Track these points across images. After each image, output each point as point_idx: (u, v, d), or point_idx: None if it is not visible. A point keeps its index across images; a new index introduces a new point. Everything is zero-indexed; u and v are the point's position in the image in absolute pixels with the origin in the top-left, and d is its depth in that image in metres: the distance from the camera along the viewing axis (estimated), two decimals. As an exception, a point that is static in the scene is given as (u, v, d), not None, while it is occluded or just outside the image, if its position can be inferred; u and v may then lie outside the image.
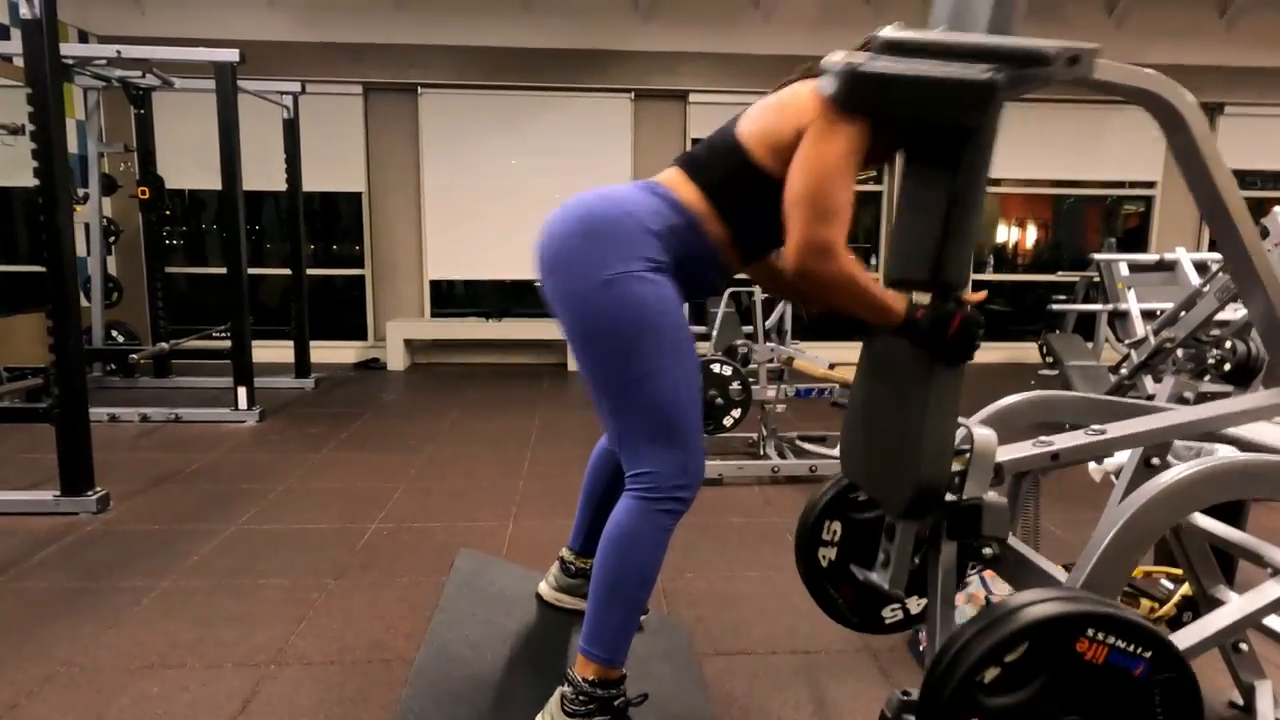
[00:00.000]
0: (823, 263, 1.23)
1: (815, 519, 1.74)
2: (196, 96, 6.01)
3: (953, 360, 1.27)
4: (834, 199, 1.23)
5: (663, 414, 1.31)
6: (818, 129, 1.25)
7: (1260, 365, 3.26)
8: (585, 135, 7.39)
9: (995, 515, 1.30)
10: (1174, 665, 1.10)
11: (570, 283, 1.33)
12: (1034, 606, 1.10)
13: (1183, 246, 5.77)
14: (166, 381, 6.10)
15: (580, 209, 1.38)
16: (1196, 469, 1.26)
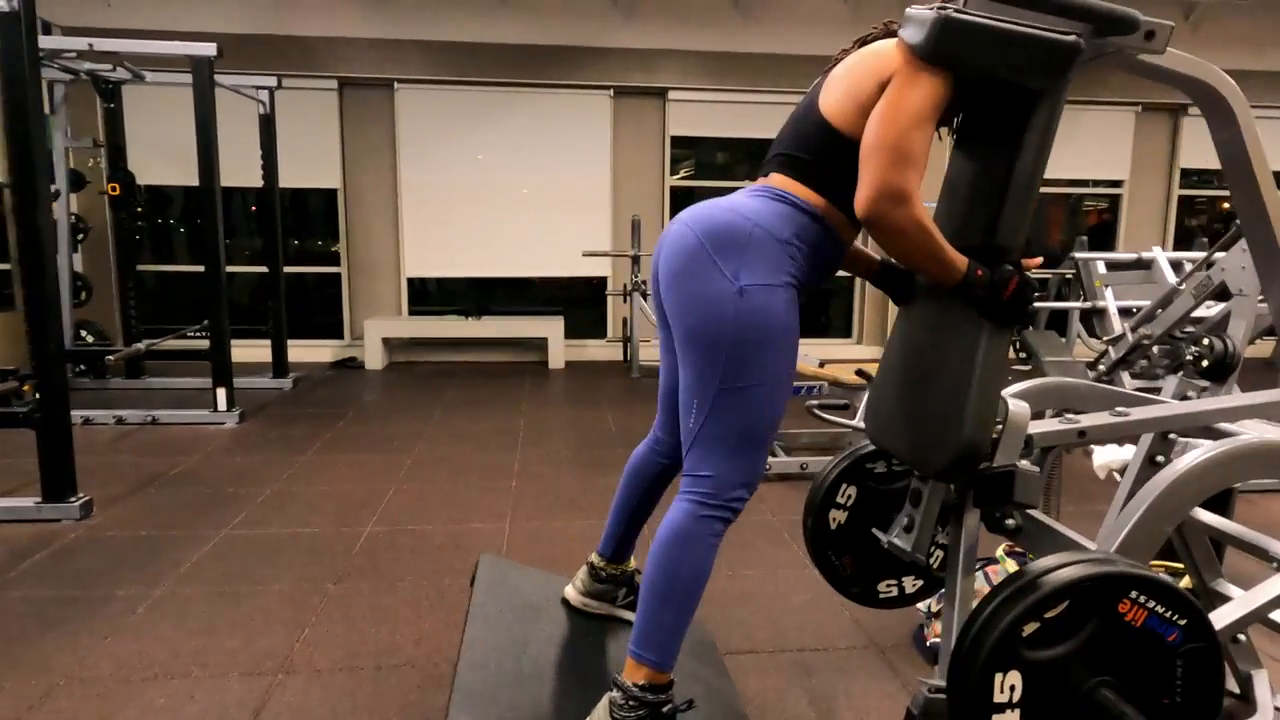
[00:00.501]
0: (896, 208, 1.23)
1: (833, 480, 1.75)
2: (167, 90, 5.90)
3: (1006, 321, 1.30)
4: (912, 145, 1.22)
5: (754, 425, 1.33)
6: (901, 78, 1.25)
7: (1235, 361, 3.36)
8: (564, 132, 7.36)
9: (1028, 482, 1.33)
10: (1205, 635, 1.14)
11: (699, 290, 1.32)
12: (1080, 565, 1.13)
13: (1155, 245, 5.92)
14: (139, 383, 5.97)
15: (707, 221, 1.36)
16: (1232, 445, 1.31)
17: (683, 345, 1.36)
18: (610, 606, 1.68)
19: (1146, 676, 1.14)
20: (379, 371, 7.00)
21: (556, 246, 7.43)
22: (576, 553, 2.98)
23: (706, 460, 1.32)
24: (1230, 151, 1.43)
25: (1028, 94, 1.28)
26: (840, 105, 1.33)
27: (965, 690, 1.15)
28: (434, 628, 2.41)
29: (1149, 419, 1.56)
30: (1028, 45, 1.19)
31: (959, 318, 1.34)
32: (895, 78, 1.26)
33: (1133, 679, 1.14)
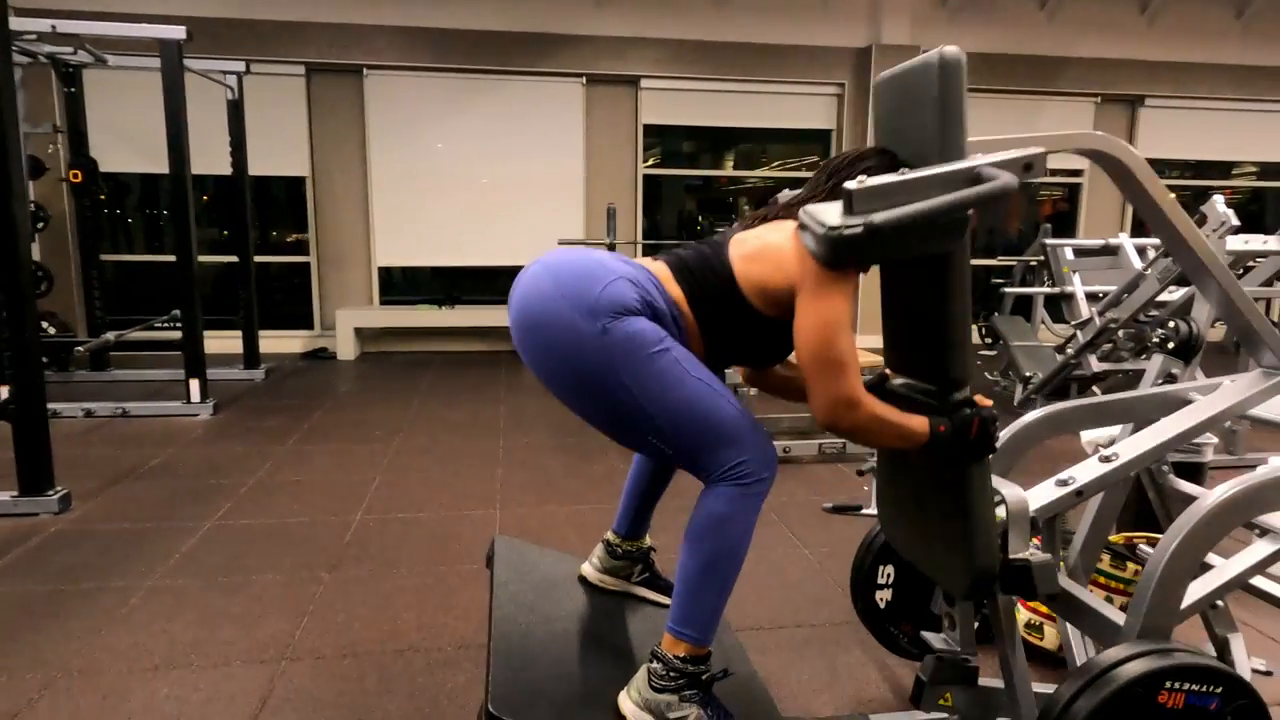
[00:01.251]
0: (849, 414, 1.30)
1: (870, 565, 1.90)
2: (128, 74, 5.76)
3: (978, 457, 1.37)
4: (843, 353, 1.29)
5: (710, 418, 1.34)
6: (811, 290, 1.30)
7: (1199, 344, 3.50)
8: (536, 120, 7.33)
9: (1045, 574, 1.40)
10: (1244, 693, 1.24)
11: (561, 341, 1.34)
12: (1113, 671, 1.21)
13: (1115, 233, 6.10)
14: (106, 375, 5.84)
15: (556, 266, 1.39)
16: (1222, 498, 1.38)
17: (576, 403, 1.39)
18: (626, 584, 1.71)
19: None
20: (352, 362, 6.93)
21: (530, 235, 7.41)
22: (570, 537, 3.02)
23: (715, 463, 1.34)
24: (1139, 199, 1.52)
25: (934, 259, 1.33)
26: (752, 281, 1.40)
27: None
28: (434, 613, 2.42)
29: (1134, 459, 1.64)
30: (926, 226, 1.19)
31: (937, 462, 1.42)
32: (805, 288, 1.30)
33: None
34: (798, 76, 7.48)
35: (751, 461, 1.34)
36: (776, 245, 1.37)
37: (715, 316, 1.43)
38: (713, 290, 1.42)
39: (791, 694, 2.02)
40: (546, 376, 1.39)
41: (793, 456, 4.03)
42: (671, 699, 1.31)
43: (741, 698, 1.47)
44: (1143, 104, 8.11)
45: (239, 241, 6.14)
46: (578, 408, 1.40)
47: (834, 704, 1.99)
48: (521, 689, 1.25)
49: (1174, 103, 8.08)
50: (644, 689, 1.32)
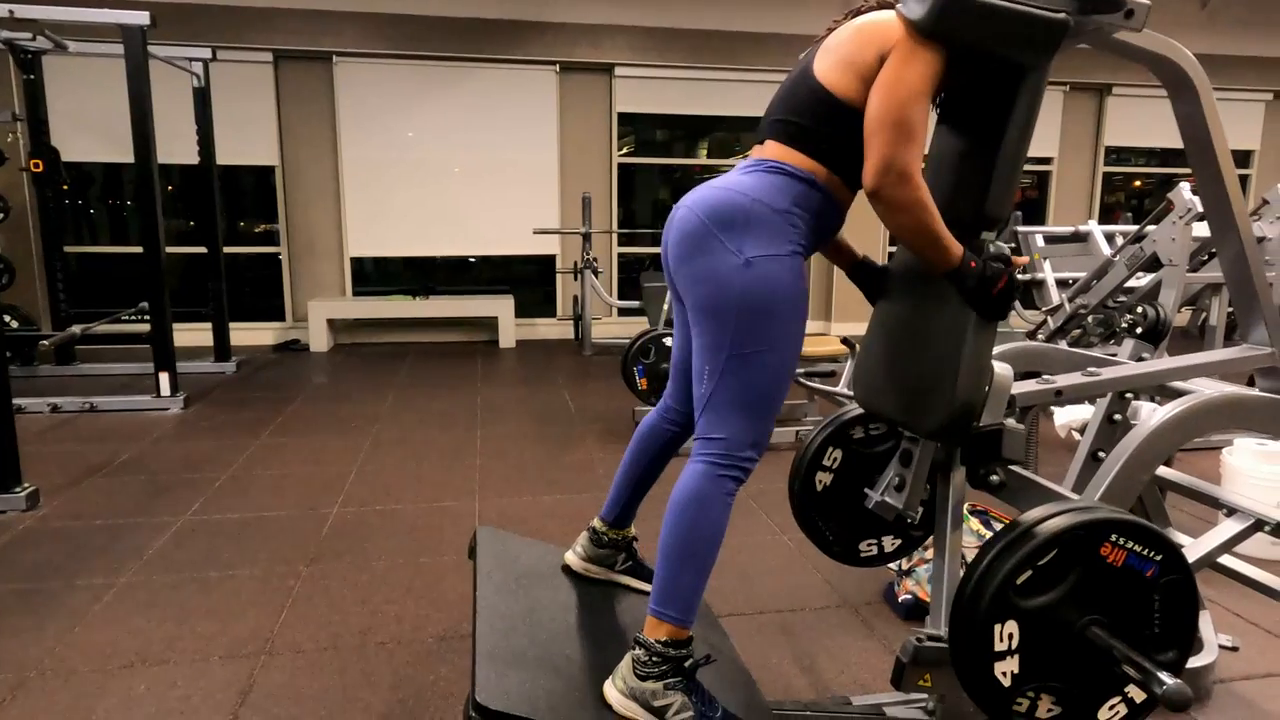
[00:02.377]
0: (900, 185, 1.28)
1: (820, 443, 1.82)
2: (91, 61, 5.62)
3: (989, 314, 1.37)
4: (914, 120, 1.27)
5: (764, 389, 1.37)
6: (901, 53, 1.29)
7: (1167, 328, 3.57)
8: (509, 108, 7.26)
9: (1014, 439, 1.41)
10: (1179, 568, 1.24)
11: (707, 266, 1.36)
12: (1064, 515, 1.21)
13: (1082, 220, 6.19)
14: (71, 369, 5.72)
15: (708, 202, 1.39)
16: (1201, 399, 1.41)
17: (696, 317, 1.40)
18: (609, 572, 1.72)
19: (1130, 611, 1.23)
20: (325, 353, 6.85)
21: (504, 224, 7.36)
22: (550, 527, 3.01)
23: (718, 423, 1.36)
24: (1191, 124, 1.53)
25: (1015, 70, 1.34)
26: (838, 72, 1.37)
27: (968, 639, 1.22)
28: (415, 605, 2.41)
29: (1117, 378, 1.67)
30: (1021, 22, 1.25)
31: (949, 293, 1.40)
32: (895, 52, 1.30)
33: (1117, 615, 1.23)
34: (772, 64, 7.48)
35: (756, 444, 1.39)
36: (868, 21, 1.37)
37: (835, 144, 1.40)
38: (817, 120, 1.40)
39: (774, 678, 2.04)
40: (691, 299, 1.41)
41: (770, 444, 4.04)
42: (656, 686, 1.32)
43: (725, 683, 1.48)
44: (1110, 93, 8.23)
45: (207, 232, 6.04)
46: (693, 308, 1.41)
47: (816, 687, 2.01)
48: (508, 679, 1.25)
49: (1140, 91, 8.20)
50: (629, 676, 1.33)
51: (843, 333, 4.31)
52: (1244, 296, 1.69)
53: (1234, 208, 1.58)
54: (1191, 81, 1.46)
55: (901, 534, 1.93)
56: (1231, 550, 1.83)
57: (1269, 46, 8.25)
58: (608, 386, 5.44)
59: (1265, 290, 1.74)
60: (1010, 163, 1.36)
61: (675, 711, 1.32)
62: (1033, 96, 1.35)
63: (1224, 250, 1.68)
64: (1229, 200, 1.56)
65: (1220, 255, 1.70)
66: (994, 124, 1.37)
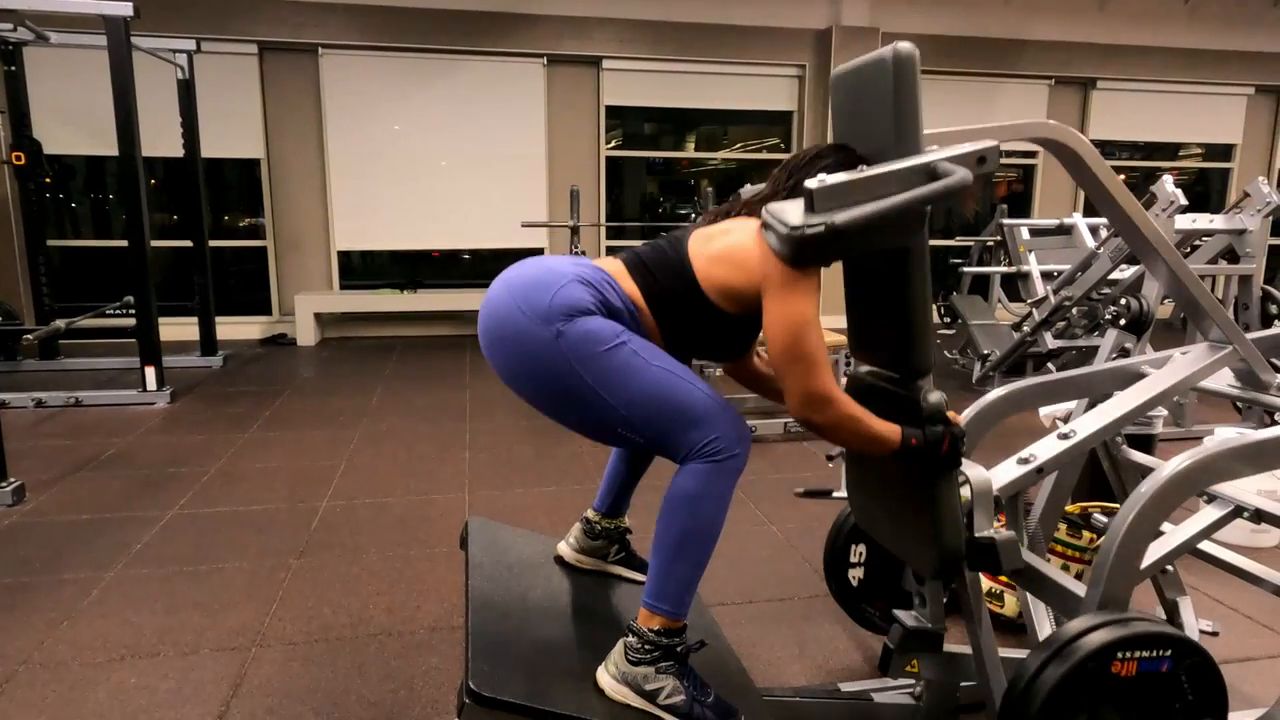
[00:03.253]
0: (824, 411, 1.33)
1: (842, 545, 1.96)
2: (74, 52, 5.56)
3: (944, 470, 1.41)
4: (813, 349, 1.31)
5: (673, 402, 1.36)
6: (778, 289, 1.32)
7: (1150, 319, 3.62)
8: (496, 101, 7.24)
9: (1009, 551, 1.45)
10: (1193, 652, 1.29)
11: (522, 350, 1.37)
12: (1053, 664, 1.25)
13: (1074, 212, 6.23)
14: (56, 363, 5.67)
15: (510, 281, 1.42)
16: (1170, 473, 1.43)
17: (543, 405, 1.42)
18: (602, 563, 1.73)
19: (1162, 704, 1.29)
20: (312, 347, 6.82)
21: (491, 218, 7.34)
22: (539, 520, 3.02)
23: (685, 442, 1.35)
24: (1089, 184, 1.56)
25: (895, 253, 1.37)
26: (714, 282, 1.41)
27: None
28: (405, 597, 2.42)
29: (1091, 435, 1.70)
30: (886, 223, 1.21)
31: None
32: (773, 287, 1.32)
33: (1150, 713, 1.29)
34: (759, 58, 7.49)
35: (722, 439, 1.35)
36: (740, 245, 1.39)
37: (675, 313, 1.45)
38: (672, 287, 1.44)
39: (764, 665, 2.06)
40: (516, 387, 1.42)
41: (759, 436, 4.08)
42: (648, 671, 1.34)
43: (716, 670, 1.50)
44: (1095, 86, 8.28)
45: (193, 226, 5.99)
46: (549, 411, 1.43)
47: (805, 674, 2.04)
48: (501, 666, 1.27)
49: (1125, 85, 8.26)
50: (621, 662, 1.34)
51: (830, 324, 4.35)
52: (1191, 307, 1.78)
53: (1153, 241, 1.64)
54: (1076, 152, 1.50)
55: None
56: (1212, 537, 1.86)
57: (1250, 41, 8.33)
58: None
59: (1206, 295, 1.80)
60: (923, 314, 1.40)
61: (667, 695, 1.33)
62: (921, 252, 1.37)
63: (1158, 277, 1.76)
64: (1146, 237, 1.63)
65: (1158, 280, 1.79)
66: (896, 289, 1.40)
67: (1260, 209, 4.19)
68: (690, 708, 1.34)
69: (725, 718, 1.36)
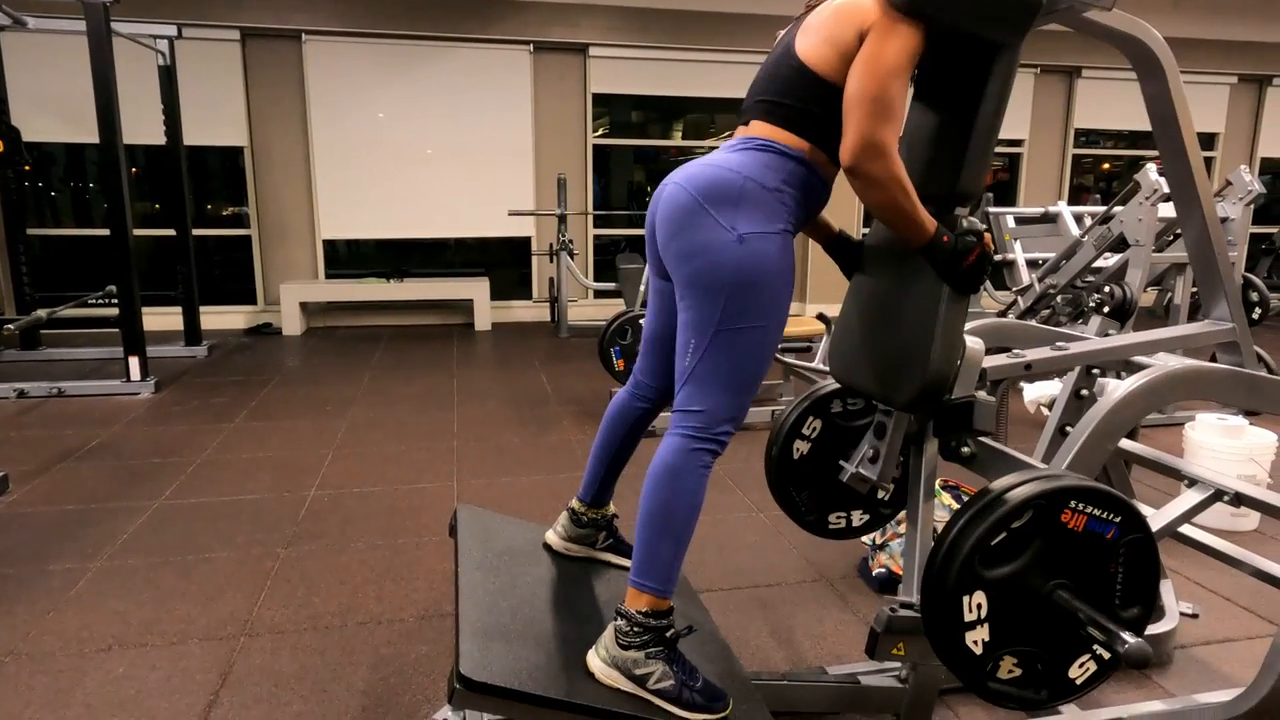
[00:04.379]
0: (877, 161, 1.30)
1: (800, 412, 1.85)
2: (52, 38, 5.48)
3: (961, 287, 1.41)
4: (892, 97, 1.29)
5: (748, 365, 1.38)
6: (879, 30, 1.31)
7: (1133, 307, 3.65)
8: (483, 88, 7.19)
9: (985, 411, 1.45)
10: (1138, 527, 1.27)
11: (699, 240, 1.37)
12: (1028, 484, 1.24)
13: (1053, 201, 6.26)
14: (38, 354, 5.62)
15: (699, 179, 1.40)
16: (1162, 372, 1.45)
17: (684, 292, 1.41)
18: (590, 550, 1.74)
19: (1094, 573, 1.27)
20: (298, 337, 6.78)
21: (478, 206, 7.31)
22: (528, 508, 3.03)
23: (698, 396, 1.38)
24: (1158, 104, 1.56)
25: (989, 47, 1.37)
26: (819, 50, 1.38)
27: (940, 609, 1.25)
28: (394, 585, 2.42)
29: (1084, 352, 1.71)
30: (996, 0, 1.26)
31: (923, 268, 1.43)
32: (874, 29, 1.32)
33: (1082, 578, 1.27)
34: (747, 45, 7.47)
35: (735, 419, 1.40)
36: (846, 6, 1.37)
37: (819, 120, 1.41)
38: (801, 98, 1.41)
39: (752, 650, 2.08)
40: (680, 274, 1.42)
41: (746, 423, 4.09)
42: (638, 655, 1.35)
43: (705, 654, 1.51)
44: (1079, 75, 8.31)
45: (176, 214, 5.93)
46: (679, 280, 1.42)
47: (792, 659, 2.06)
48: (491, 652, 1.27)
49: (1109, 74, 8.30)
50: (611, 647, 1.35)
51: (818, 311, 4.36)
52: (1206, 273, 1.74)
53: (1198, 186, 1.62)
54: (1159, 61, 1.49)
55: (870, 509, 1.97)
56: (1192, 520, 1.89)
57: (1234, 30, 8.37)
58: (584, 368, 5.45)
59: (1227, 268, 1.79)
60: (984, 140, 1.39)
61: (656, 680, 1.34)
62: (1006, 74, 1.37)
63: (1188, 228, 1.73)
64: (1193, 179, 1.60)
65: (1185, 233, 1.75)
66: (968, 101, 1.39)
67: (1242, 197, 4.23)
68: (679, 691, 1.35)
69: (714, 701, 1.37)
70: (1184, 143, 1.55)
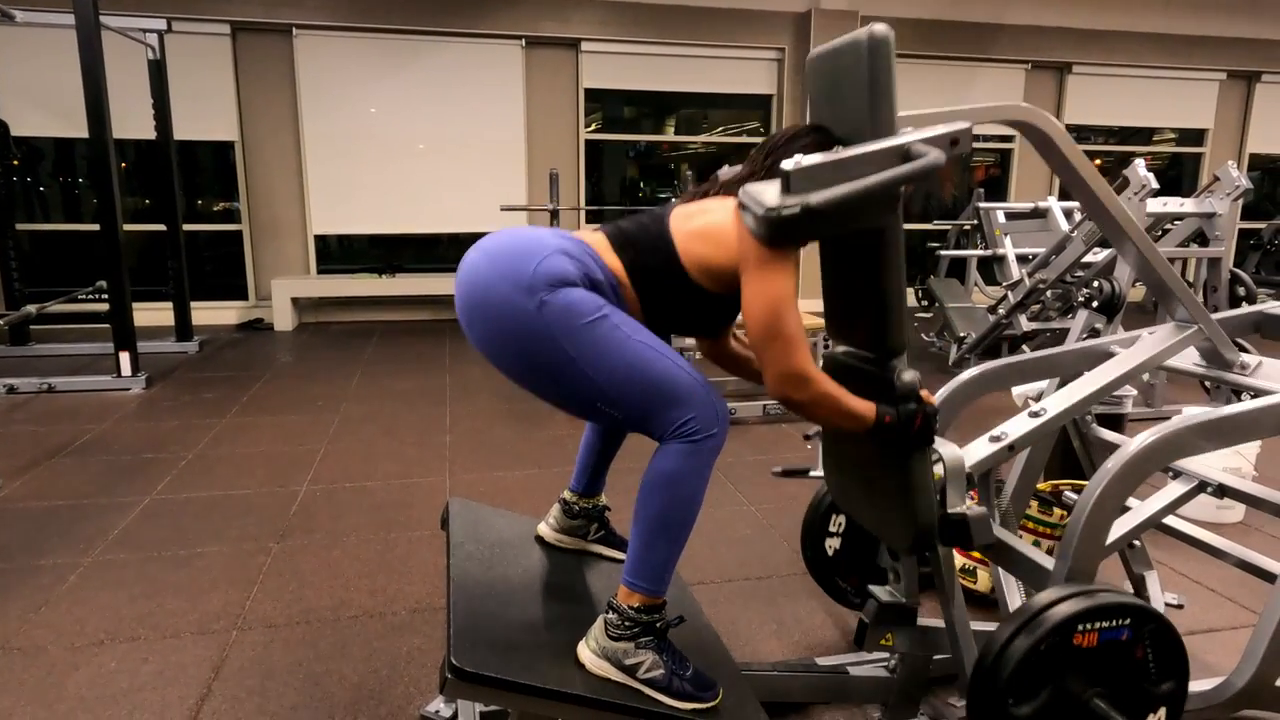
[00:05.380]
0: (802, 389, 1.35)
1: (822, 514, 1.96)
2: (41, 32, 5.45)
3: (917, 447, 1.44)
4: (791, 328, 1.33)
5: (654, 379, 1.36)
6: (755, 268, 1.33)
7: (1121, 302, 3.68)
8: (474, 83, 7.17)
9: (981, 526, 1.47)
10: (1150, 618, 1.32)
11: (503, 320, 1.35)
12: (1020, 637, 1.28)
13: (1050, 196, 6.29)
14: (26, 349, 5.59)
15: (491, 249, 1.40)
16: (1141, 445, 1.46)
17: (523, 379, 1.41)
18: (582, 541, 1.75)
19: (1126, 673, 1.32)
20: (290, 332, 6.77)
21: (470, 202, 7.30)
22: (520, 502, 3.04)
23: (664, 421, 1.36)
24: (1061, 167, 1.58)
25: (870, 231, 1.38)
26: (694, 258, 1.42)
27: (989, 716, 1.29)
28: (387, 579, 2.43)
29: (1063, 411, 1.73)
30: (860, 204, 1.21)
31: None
32: (749, 267, 1.34)
33: (1115, 679, 1.32)
34: (738, 41, 7.47)
35: (700, 418, 1.36)
36: (719, 224, 1.40)
37: (656, 288, 1.45)
38: (653, 262, 1.44)
39: (743, 641, 2.10)
40: (494, 357, 1.41)
41: (738, 418, 4.11)
42: (628, 646, 1.36)
43: (695, 645, 1.52)
44: (1070, 71, 8.34)
45: (166, 209, 5.91)
46: (527, 383, 1.42)
47: (782, 649, 2.07)
48: (483, 642, 1.28)
49: (1100, 70, 8.33)
50: (601, 638, 1.36)
51: (807, 308, 4.38)
52: (1158, 288, 1.80)
53: (1122, 223, 1.66)
54: (1048, 134, 1.51)
55: None
56: (1178, 512, 1.91)
57: (1223, 26, 8.42)
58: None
59: (1173, 276, 1.84)
60: (897, 297, 1.41)
61: (646, 670, 1.35)
62: (895, 237, 1.38)
63: (1127, 257, 1.78)
64: (1116, 220, 1.65)
65: (1126, 262, 1.81)
66: (871, 272, 1.41)
67: (1230, 193, 4.26)
68: (669, 681, 1.36)
69: (704, 690, 1.39)
70: (1098, 194, 1.59)
